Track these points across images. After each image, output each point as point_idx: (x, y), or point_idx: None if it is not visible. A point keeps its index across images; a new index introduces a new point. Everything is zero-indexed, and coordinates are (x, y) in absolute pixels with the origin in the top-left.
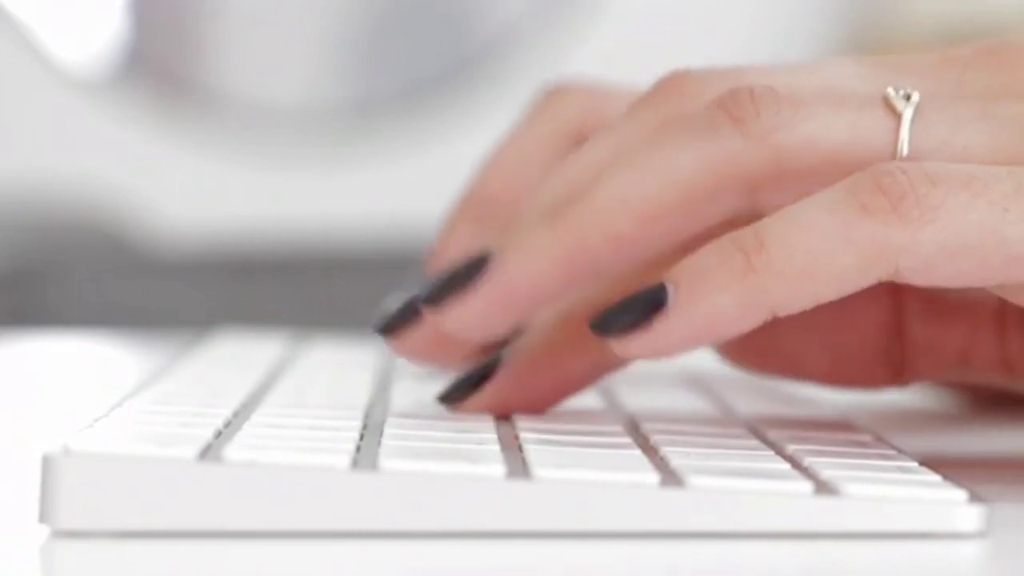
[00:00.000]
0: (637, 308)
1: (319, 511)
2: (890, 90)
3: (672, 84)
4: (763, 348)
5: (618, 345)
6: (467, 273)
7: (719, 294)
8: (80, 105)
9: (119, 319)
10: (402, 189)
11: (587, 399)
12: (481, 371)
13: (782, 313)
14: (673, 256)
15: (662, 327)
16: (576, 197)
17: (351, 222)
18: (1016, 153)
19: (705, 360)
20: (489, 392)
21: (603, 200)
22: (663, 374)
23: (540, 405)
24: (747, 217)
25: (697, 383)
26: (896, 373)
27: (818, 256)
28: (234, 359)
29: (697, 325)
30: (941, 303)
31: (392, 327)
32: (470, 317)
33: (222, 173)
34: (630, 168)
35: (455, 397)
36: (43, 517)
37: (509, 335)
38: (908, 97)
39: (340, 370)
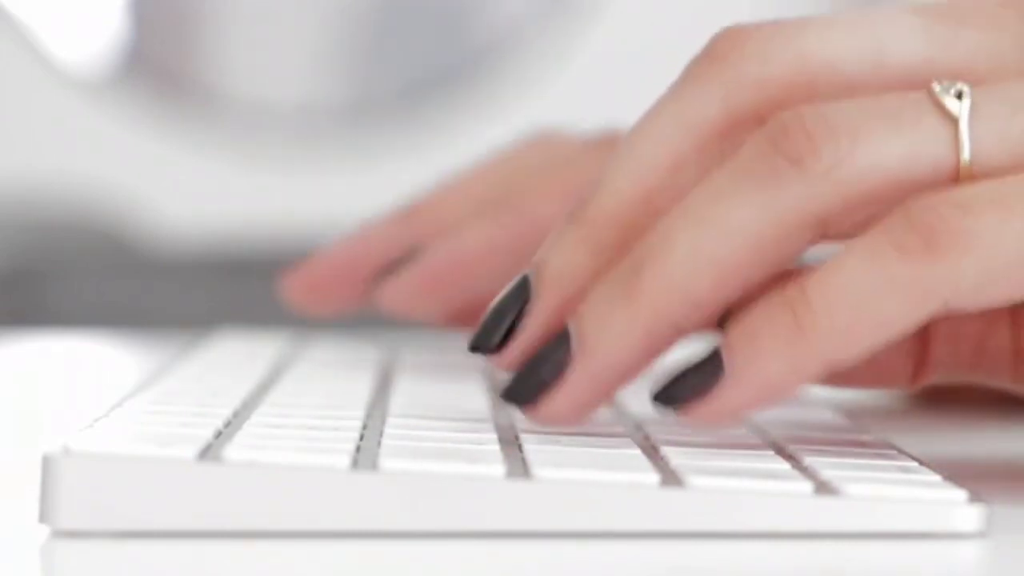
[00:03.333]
0: (695, 380)
1: (319, 511)
2: (938, 87)
3: (727, 46)
4: None
5: (681, 416)
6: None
7: (772, 361)
8: (80, 105)
9: (119, 319)
10: (402, 189)
11: None
12: (548, 362)
13: (837, 367)
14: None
15: (721, 397)
16: (647, 263)
17: (351, 222)
18: None
19: None
20: (566, 394)
21: (677, 269)
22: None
23: (611, 392)
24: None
25: None
26: (916, 369)
27: (864, 306)
28: (234, 359)
29: (755, 391)
30: None
31: (491, 344)
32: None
33: (222, 173)
34: (696, 229)
35: (526, 400)
36: (43, 517)
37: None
38: (959, 94)
39: (340, 370)
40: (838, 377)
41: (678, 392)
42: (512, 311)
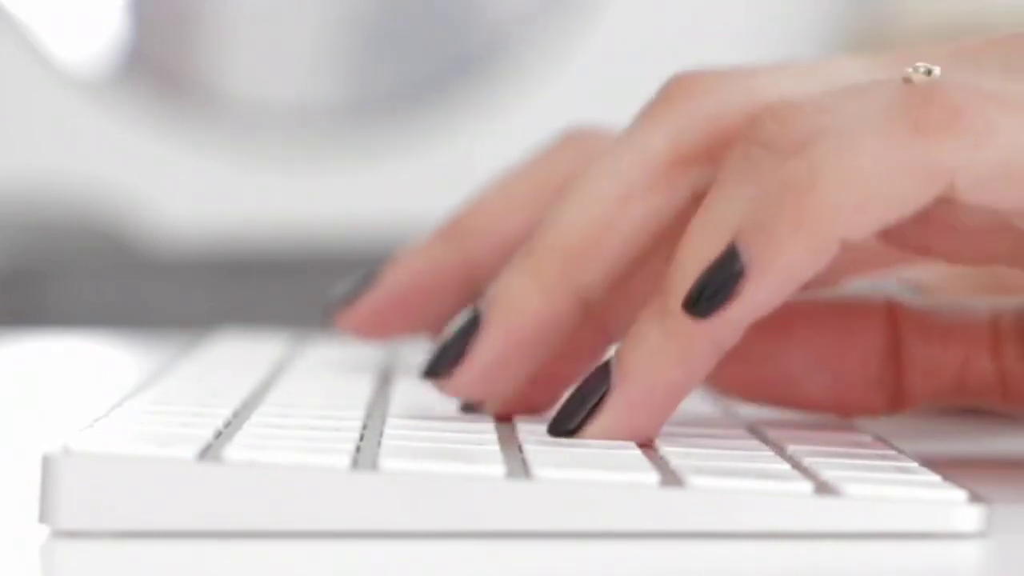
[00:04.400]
0: (719, 283)
1: (319, 511)
2: (909, 69)
3: (679, 87)
4: (761, 378)
5: (713, 322)
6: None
7: (788, 249)
8: (80, 105)
9: (119, 319)
10: (402, 189)
11: None
12: (591, 392)
13: (852, 240)
14: None
15: (748, 293)
16: (670, 284)
17: (351, 222)
18: None
19: None
20: (609, 418)
21: (690, 283)
22: None
23: (659, 414)
24: None
25: None
26: (892, 398)
27: (874, 184)
28: (234, 359)
29: (779, 282)
30: (937, 323)
31: (439, 367)
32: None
33: (222, 173)
34: (701, 244)
35: (569, 428)
36: (43, 517)
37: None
38: (928, 72)
39: (340, 370)
40: (808, 402)
41: (705, 299)
42: (463, 340)
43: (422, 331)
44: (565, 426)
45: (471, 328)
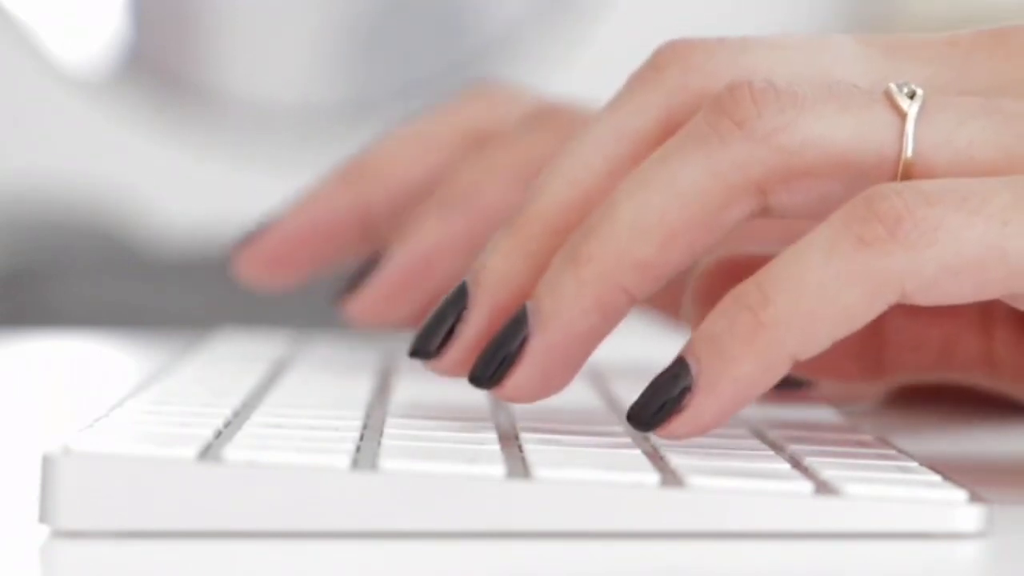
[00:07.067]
0: (665, 396)
1: (319, 511)
2: (893, 86)
3: (671, 57)
4: None
5: (659, 434)
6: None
7: (739, 364)
8: (80, 105)
9: (119, 319)
10: None
11: (587, 398)
12: (509, 347)
13: (803, 358)
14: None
15: (695, 408)
16: (594, 229)
17: None
18: (1019, 150)
19: None
20: (528, 368)
21: (623, 232)
22: None
23: (573, 362)
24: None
25: None
26: (873, 369)
27: (824, 298)
28: (234, 359)
29: (728, 397)
30: None
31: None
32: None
33: (222, 173)
34: (641, 192)
35: (490, 379)
36: (43, 517)
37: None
38: (912, 95)
39: (340, 370)
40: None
41: (652, 412)
42: (451, 317)
43: (318, 272)
44: (485, 378)
45: (458, 305)
